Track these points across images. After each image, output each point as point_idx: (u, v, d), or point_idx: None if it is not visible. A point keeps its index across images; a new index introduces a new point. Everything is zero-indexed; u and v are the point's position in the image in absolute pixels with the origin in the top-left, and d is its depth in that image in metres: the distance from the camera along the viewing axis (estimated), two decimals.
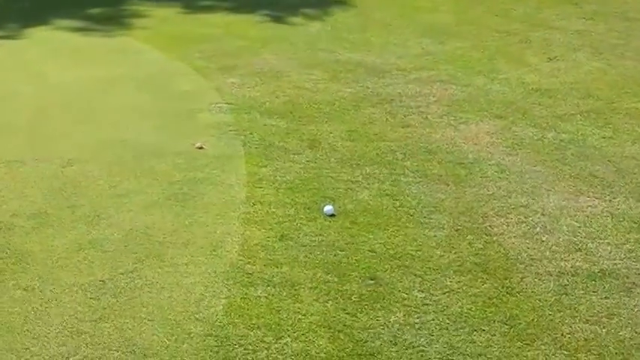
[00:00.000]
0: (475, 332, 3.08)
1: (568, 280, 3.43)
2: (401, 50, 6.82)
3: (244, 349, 2.96)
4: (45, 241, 3.69)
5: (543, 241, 3.74)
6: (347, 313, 3.17)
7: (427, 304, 3.25)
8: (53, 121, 5.18)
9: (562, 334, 3.08)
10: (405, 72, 6.24)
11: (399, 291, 3.33)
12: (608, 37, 7.02)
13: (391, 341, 3.02)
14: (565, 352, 2.99)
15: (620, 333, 3.10)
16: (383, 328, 3.09)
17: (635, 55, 5.97)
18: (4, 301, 3.27)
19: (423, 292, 3.33)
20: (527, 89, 5.84)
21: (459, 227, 3.86)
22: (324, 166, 4.52)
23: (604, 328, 3.13)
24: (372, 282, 3.38)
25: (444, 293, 3.33)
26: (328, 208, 3.95)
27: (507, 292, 3.34)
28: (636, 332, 3.10)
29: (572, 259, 3.59)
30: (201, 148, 4.74)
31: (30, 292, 3.32)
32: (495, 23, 7.53)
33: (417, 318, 3.16)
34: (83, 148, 4.75)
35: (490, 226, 3.88)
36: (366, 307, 3.22)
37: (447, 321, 3.15)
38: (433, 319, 3.15)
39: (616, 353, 2.99)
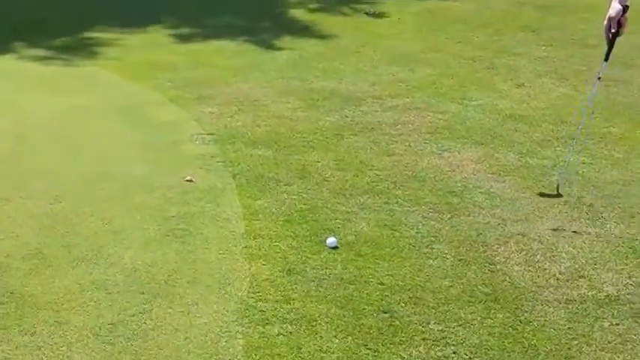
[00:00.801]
0: None
1: (577, 308, 3.43)
2: (372, 78, 6.82)
3: None
4: (45, 282, 3.52)
5: (546, 269, 3.74)
6: (369, 349, 3.10)
7: (445, 337, 3.20)
8: (35, 155, 4.99)
9: None
10: (381, 100, 6.24)
11: (416, 324, 3.28)
12: (570, 63, 7.17)
13: None
14: None
15: (636, 359, 3.11)
16: None
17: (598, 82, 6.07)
18: (10, 349, 3.08)
19: (439, 324, 3.28)
20: (501, 115, 5.90)
21: (461, 257, 3.84)
22: (318, 197, 4.45)
23: (620, 354, 3.13)
24: (387, 315, 3.32)
25: (460, 325, 3.29)
26: (331, 241, 3.89)
27: (521, 322, 3.32)
28: None
29: (577, 286, 3.60)
30: (190, 180, 4.62)
31: (37, 337, 3.14)
32: (459, 50, 7.61)
33: (439, 351, 3.10)
34: (70, 183, 4.58)
35: (492, 254, 3.87)
36: (385, 341, 3.16)
37: (468, 354, 3.11)
38: (455, 352, 3.10)
39: None
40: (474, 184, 4.67)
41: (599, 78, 3.96)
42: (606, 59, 4.06)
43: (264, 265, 3.70)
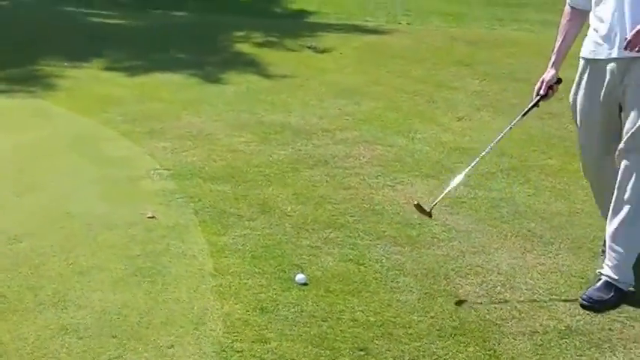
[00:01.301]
0: None
1: (541, 340, 3.43)
2: (320, 111, 6.79)
3: None
4: (13, 328, 3.31)
5: (508, 301, 3.74)
6: None
7: None
8: None
9: None
10: (330, 133, 6.20)
11: None
12: (505, 97, 7.30)
13: None
14: None
15: None
16: None
17: (533, 115, 6.24)
18: None
19: None
20: (446, 148, 5.94)
21: (427, 290, 3.81)
22: (282, 232, 4.36)
23: None
24: (363, 353, 3.25)
25: None
26: (300, 277, 3.80)
27: (491, 356, 3.30)
28: None
29: (539, 317, 3.61)
30: (152, 217, 4.46)
31: None
32: (400, 84, 7.67)
33: None
34: (28, 221, 4.36)
35: (455, 287, 3.85)
36: None
37: None
38: None
39: None
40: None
41: (510, 128, 4.05)
42: (524, 115, 4.11)
43: (236, 304, 3.57)
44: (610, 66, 3.66)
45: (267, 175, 5.23)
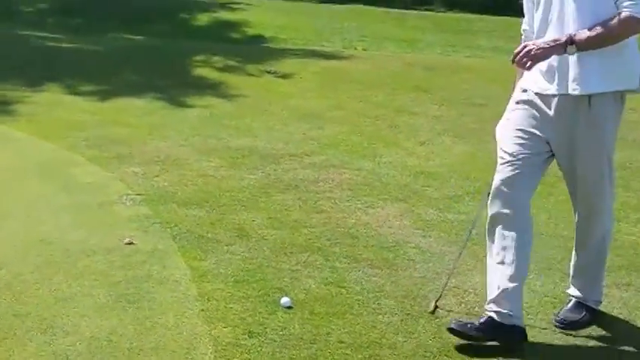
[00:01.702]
0: None
1: (524, 355, 3.62)
2: (285, 136, 6.92)
3: None
4: (4, 356, 3.31)
5: None
6: None
7: None
8: None
9: None
10: (297, 157, 6.34)
11: None
12: (464, 121, 7.58)
13: None
14: None
15: None
16: None
17: (492, 139, 6.49)
18: None
19: None
20: (412, 172, 6.14)
21: (408, 312, 3.95)
22: (261, 256, 4.46)
23: None
24: None
25: None
26: (285, 300, 3.90)
27: None
28: None
29: None
30: (130, 243, 4.51)
31: None
32: (362, 109, 7.87)
33: None
34: (5, 249, 4.36)
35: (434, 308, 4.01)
36: None
37: None
38: None
39: None
40: (403, 240, 4.83)
41: (488, 193, 3.82)
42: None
43: (224, 327, 3.65)
44: (554, 102, 3.53)
45: (240, 200, 5.33)
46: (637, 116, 7.53)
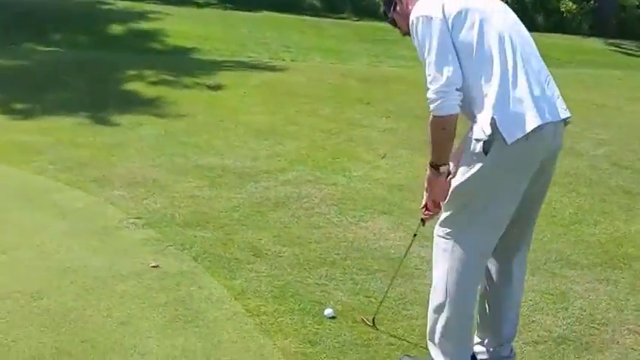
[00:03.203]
0: None
1: (544, 347, 4.42)
2: (249, 152, 7.50)
3: None
4: None
5: None
6: None
7: None
8: None
9: None
10: (272, 175, 6.93)
11: None
12: (415, 134, 8.41)
13: None
14: None
15: None
16: None
17: None
18: None
19: None
20: (384, 185, 6.89)
21: None
22: (285, 273, 5.04)
23: None
24: None
25: None
26: (329, 312, 4.51)
27: None
28: None
29: (534, 330, 4.61)
30: (156, 266, 4.97)
31: None
32: (314, 123, 8.56)
33: None
34: (36, 279, 4.69)
35: None
36: None
37: None
38: None
39: None
40: (405, 251, 5.55)
41: (415, 235, 4.35)
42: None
43: (285, 339, 4.23)
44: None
45: (238, 220, 5.87)
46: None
